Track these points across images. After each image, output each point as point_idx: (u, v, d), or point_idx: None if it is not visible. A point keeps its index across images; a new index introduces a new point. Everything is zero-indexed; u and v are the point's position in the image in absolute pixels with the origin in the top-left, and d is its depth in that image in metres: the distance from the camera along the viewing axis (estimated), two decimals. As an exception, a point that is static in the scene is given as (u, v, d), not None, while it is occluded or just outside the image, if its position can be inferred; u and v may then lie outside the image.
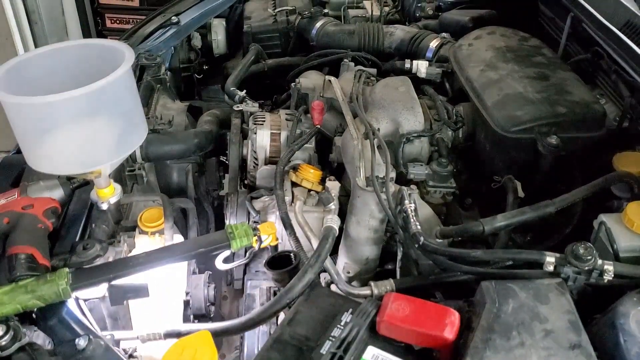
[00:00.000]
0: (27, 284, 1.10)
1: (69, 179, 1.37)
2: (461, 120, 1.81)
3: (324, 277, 1.52)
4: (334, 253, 1.54)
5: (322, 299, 1.18)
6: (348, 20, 2.74)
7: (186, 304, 1.53)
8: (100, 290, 1.28)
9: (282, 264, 1.42)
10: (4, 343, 1.03)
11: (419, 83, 2.00)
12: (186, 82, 2.70)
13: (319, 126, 1.81)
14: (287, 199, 1.59)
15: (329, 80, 1.92)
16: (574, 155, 1.62)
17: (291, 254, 1.44)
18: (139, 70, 2.15)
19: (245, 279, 1.73)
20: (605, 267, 1.15)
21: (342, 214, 1.55)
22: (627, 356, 1.01)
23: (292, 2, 2.81)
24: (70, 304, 1.18)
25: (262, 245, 1.39)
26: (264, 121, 1.88)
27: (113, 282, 1.24)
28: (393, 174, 1.49)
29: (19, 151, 1.48)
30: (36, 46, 3.64)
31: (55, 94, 1.06)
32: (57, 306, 1.15)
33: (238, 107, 1.99)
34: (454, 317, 1.02)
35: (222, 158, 2.10)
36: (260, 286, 1.68)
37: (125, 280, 1.25)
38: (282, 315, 1.31)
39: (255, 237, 1.29)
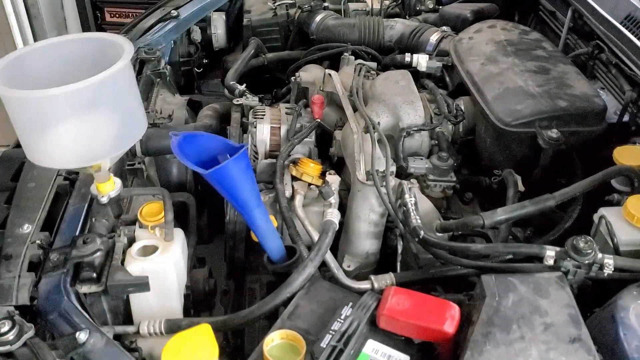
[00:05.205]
0: None
1: (70, 173, 1.37)
2: (461, 114, 1.80)
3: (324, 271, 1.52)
4: (334, 247, 1.54)
5: (322, 292, 1.19)
6: (348, 13, 2.73)
7: (186, 297, 1.53)
8: (100, 284, 1.28)
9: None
10: (11, 337, 1.03)
11: (419, 77, 1.99)
12: (186, 76, 2.68)
13: (319, 120, 1.81)
14: (287, 192, 1.59)
15: (329, 74, 1.92)
16: (574, 149, 1.62)
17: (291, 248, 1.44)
18: (139, 64, 2.14)
19: (245, 273, 1.73)
20: (605, 260, 1.15)
21: (343, 208, 1.55)
22: (627, 349, 1.01)
23: (292, -5, 2.79)
24: (71, 298, 1.18)
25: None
26: (264, 115, 1.87)
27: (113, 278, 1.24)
28: (393, 168, 1.49)
29: (18, 145, 1.48)
30: (35, 40, 3.63)
31: (54, 87, 1.05)
32: (57, 300, 1.15)
33: (238, 101, 1.98)
34: (454, 311, 1.03)
35: (222, 152, 2.10)
36: (260, 280, 1.68)
37: (126, 274, 1.25)
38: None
39: None
